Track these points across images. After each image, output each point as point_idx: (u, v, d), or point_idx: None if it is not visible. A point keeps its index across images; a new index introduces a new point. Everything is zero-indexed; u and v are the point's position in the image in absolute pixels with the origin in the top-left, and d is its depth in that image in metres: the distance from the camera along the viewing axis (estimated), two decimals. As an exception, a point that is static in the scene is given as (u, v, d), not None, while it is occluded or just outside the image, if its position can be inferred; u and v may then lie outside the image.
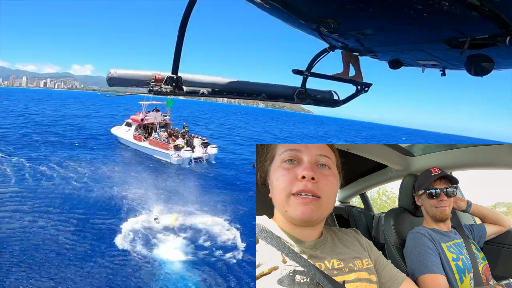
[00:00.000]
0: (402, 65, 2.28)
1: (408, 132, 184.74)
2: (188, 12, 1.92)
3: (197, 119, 74.34)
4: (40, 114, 53.82)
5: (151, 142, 26.32)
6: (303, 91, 2.70)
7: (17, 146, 25.57)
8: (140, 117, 28.51)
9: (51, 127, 38.60)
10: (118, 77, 2.23)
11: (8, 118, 42.22)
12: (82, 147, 27.92)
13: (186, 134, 26.90)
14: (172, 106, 30.05)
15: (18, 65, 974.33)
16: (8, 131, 32.35)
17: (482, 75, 1.59)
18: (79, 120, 49.14)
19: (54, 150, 25.40)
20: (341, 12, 1.55)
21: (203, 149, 25.00)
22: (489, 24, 1.28)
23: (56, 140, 30.00)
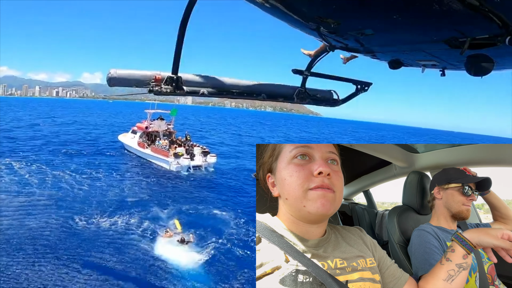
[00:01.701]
0: (402, 65, 2.26)
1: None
2: (188, 12, 1.93)
3: (203, 126, 75.49)
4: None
5: (153, 149, 27.51)
6: (303, 90, 2.70)
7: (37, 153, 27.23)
8: (145, 125, 29.74)
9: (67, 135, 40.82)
10: (118, 77, 2.24)
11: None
12: (90, 153, 29.38)
13: (186, 142, 28.03)
14: (176, 115, 31.15)
15: (30, 74, 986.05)
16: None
17: (482, 75, 1.58)
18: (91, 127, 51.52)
19: (68, 157, 27.01)
20: (341, 12, 1.55)
21: (203, 158, 26.00)
22: (489, 24, 1.26)
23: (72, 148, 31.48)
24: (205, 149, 27.06)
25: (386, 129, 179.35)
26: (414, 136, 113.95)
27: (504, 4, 1.16)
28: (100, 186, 19.34)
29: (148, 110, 30.79)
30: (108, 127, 54.70)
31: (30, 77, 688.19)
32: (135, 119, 37.07)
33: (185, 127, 40.31)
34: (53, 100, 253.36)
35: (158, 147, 27.17)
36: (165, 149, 26.24)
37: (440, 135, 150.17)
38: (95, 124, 60.96)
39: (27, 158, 24.43)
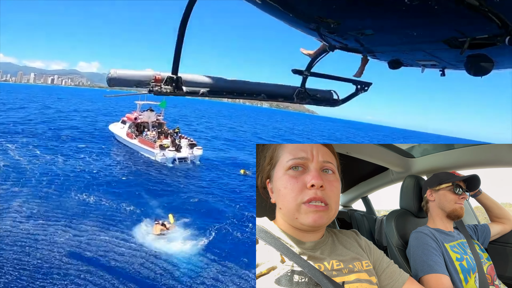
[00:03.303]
0: (402, 65, 2.28)
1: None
2: (188, 12, 1.93)
3: (198, 118, 75.66)
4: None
5: (140, 140, 27.83)
6: (303, 90, 2.71)
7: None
8: (134, 116, 30.11)
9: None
10: (118, 77, 2.23)
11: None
12: (80, 140, 30.34)
13: (173, 134, 28.23)
14: (165, 107, 31.39)
15: (26, 62, 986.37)
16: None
17: (481, 75, 1.59)
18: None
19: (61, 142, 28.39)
20: (341, 12, 1.55)
21: (189, 150, 26.11)
22: (489, 24, 1.27)
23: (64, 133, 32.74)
24: (192, 142, 27.32)
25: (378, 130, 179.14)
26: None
27: (504, 4, 1.17)
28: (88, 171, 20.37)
29: (138, 101, 31.17)
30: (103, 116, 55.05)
31: (26, 64, 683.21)
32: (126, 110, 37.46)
33: (181, 119, 40.59)
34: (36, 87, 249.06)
35: (145, 138, 27.53)
36: (151, 141, 26.62)
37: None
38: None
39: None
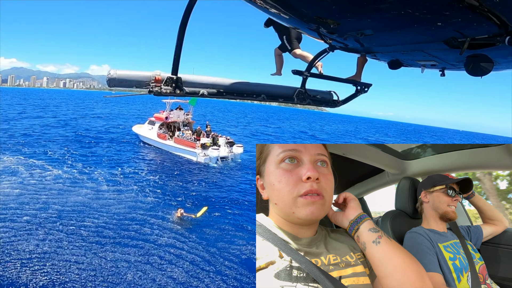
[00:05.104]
0: (402, 66, 2.30)
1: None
2: (188, 12, 1.93)
3: (217, 118, 74.14)
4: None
5: (176, 140, 26.04)
6: (303, 91, 2.71)
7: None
8: (164, 115, 28.09)
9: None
10: (118, 78, 2.22)
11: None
12: (105, 146, 27.86)
13: (210, 132, 26.74)
14: (195, 105, 29.72)
15: (39, 66, 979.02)
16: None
17: (481, 75, 1.60)
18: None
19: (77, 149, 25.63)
20: (341, 12, 1.56)
21: (229, 148, 24.84)
22: (489, 24, 1.29)
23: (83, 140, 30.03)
24: (229, 139, 25.67)
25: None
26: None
27: (504, 4, 1.18)
28: (125, 178, 18.47)
29: (167, 100, 28.47)
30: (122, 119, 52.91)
31: (39, 69, 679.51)
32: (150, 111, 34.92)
33: (201, 117, 38.53)
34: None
35: (182, 138, 25.65)
36: (190, 140, 24.87)
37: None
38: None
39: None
